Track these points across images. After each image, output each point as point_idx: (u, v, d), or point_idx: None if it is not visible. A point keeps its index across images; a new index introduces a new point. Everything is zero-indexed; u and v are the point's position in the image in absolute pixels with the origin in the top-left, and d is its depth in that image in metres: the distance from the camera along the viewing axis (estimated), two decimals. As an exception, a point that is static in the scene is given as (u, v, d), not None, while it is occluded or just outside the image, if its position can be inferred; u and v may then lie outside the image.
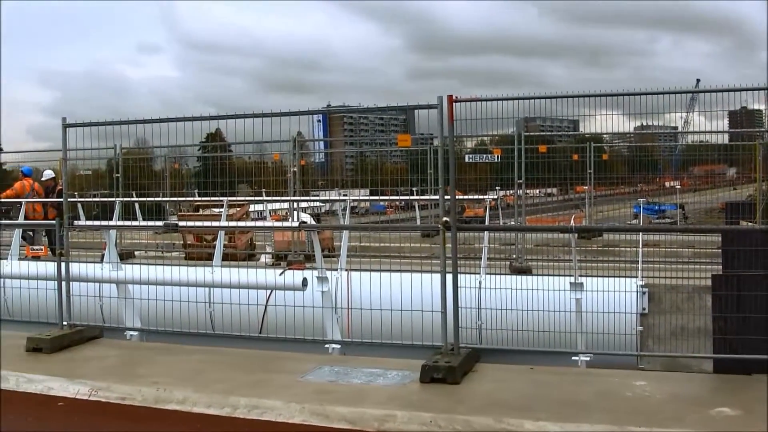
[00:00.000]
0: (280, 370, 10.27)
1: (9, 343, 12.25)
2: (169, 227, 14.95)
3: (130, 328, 12.91)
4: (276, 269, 13.56)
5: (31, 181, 25.01)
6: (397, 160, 48.81)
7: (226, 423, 8.68)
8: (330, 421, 8.41)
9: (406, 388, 9.28)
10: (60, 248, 12.58)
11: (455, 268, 10.11)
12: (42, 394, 9.98)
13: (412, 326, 11.12)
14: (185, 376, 10.09)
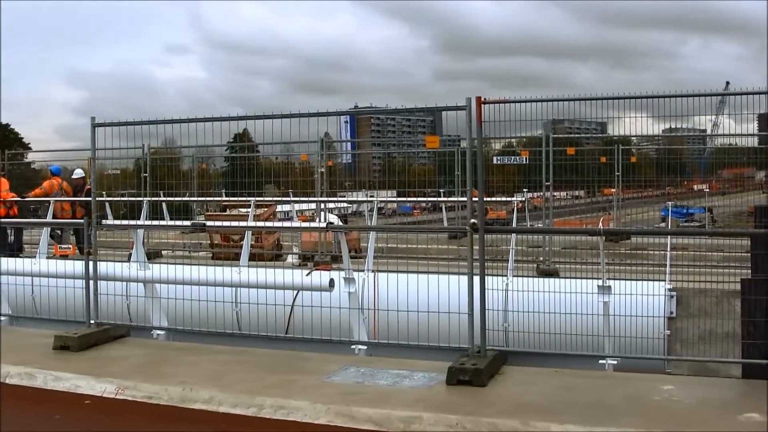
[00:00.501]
0: (306, 370, 10.25)
1: (37, 341, 12.32)
2: (196, 227, 14.99)
3: (157, 327, 12.94)
4: (303, 270, 13.58)
5: (60, 180, 25.14)
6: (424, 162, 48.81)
7: (252, 423, 8.68)
8: (356, 422, 8.40)
9: (432, 390, 9.26)
10: (88, 247, 12.63)
11: (482, 270, 10.07)
12: (69, 392, 10.02)
13: (439, 328, 11.08)
14: (211, 376, 10.10)
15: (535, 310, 11.25)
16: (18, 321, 14.55)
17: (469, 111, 9.91)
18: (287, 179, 28.76)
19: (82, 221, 12.96)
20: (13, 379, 10.56)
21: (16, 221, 23.24)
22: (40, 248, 16.35)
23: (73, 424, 9.04)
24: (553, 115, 11.15)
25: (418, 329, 11.11)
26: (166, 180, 25.15)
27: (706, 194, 31.70)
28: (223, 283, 12.80)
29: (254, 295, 12.64)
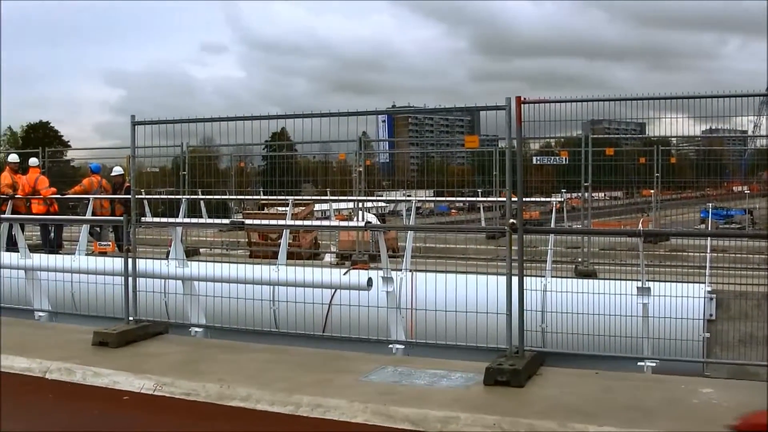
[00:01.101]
0: (344, 369, 10.25)
1: (76, 337, 12.41)
2: (235, 225, 15.03)
3: (195, 324, 12.99)
4: (340, 269, 13.58)
5: (99, 178, 25.32)
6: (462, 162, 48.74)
7: (290, 421, 8.68)
8: (393, 422, 8.38)
9: (469, 390, 9.23)
10: (127, 244, 12.70)
11: (521, 270, 10.04)
12: (108, 388, 10.06)
13: (477, 328, 11.06)
14: (249, 374, 10.12)
15: (573, 311, 11.21)
16: (57, 317, 14.66)
17: (508, 111, 9.88)
18: (324, 178, 28.83)
19: (122, 218, 13.03)
20: (53, 374, 10.63)
21: (56, 218, 23.42)
22: (80, 245, 16.46)
23: (112, 420, 9.08)
24: (592, 115, 11.09)
25: (456, 329, 11.09)
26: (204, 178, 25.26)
27: (747, 196, 31.45)
28: (261, 282, 12.83)
29: (292, 294, 12.66)
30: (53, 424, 8.94)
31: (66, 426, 8.85)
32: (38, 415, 9.33)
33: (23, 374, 10.79)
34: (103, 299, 13.88)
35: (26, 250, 15.07)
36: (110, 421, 9.04)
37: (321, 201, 27.99)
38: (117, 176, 25.54)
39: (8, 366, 11.06)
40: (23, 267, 14.86)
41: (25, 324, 14.00)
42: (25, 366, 10.95)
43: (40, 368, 10.80)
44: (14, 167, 24.38)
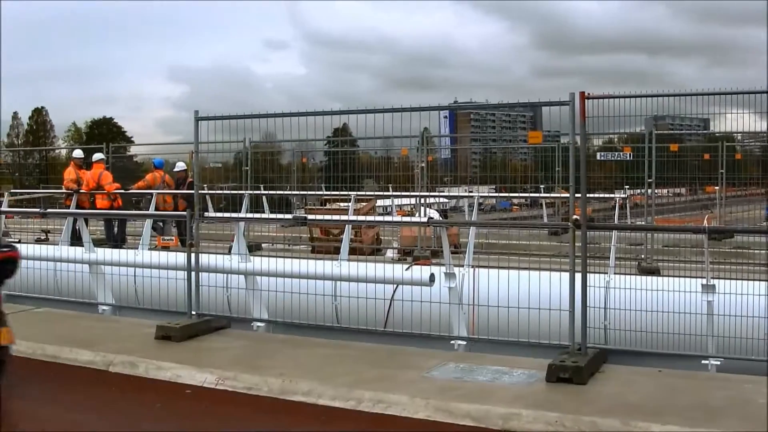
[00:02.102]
0: (405, 365, 10.23)
1: (139, 331, 12.51)
2: (298, 220, 15.06)
3: (257, 319, 13.03)
4: (402, 264, 13.56)
5: (162, 173, 25.50)
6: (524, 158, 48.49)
7: (351, 416, 8.69)
8: (454, 418, 8.36)
9: (531, 387, 9.17)
10: (190, 239, 12.76)
11: (584, 266, 9.96)
12: (170, 382, 10.14)
13: (539, 324, 10.98)
14: (310, 368, 10.13)
15: (636, 308, 11.08)
16: (121, 311, 14.79)
17: (572, 106, 9.81)
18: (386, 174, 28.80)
19: (185, 213, 13.10)
20: (116, 367, 10.73)
21: (120, 213, 23.62)
22: (143, 239, 16.59)
23: (174, 413, 9.13)
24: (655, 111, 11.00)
25: (519, 326, 11.00)
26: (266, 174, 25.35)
27: (814, 193, 30.94)
28: (324, 277, 12.85)
29: (353, 289, 12.66)
30: (117, 416, 9.01)
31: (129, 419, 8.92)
32: (102, 408, 9.41)
33: (87, 367, 10.91)
34: (165, 293, 13.97)
35: (91, 245, 15.22)
36: (173, 415, 9.09)
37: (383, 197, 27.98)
38: (180, 171, 25.72)
39: (72, 359, 11.20)
40: (88, 261, 15.02)
41: (89, 317, 14.16)
42: (89, 359, 11.06)
43: (103, 361, 10.90)
44: (79, 162, 24.63)
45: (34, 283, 15.76)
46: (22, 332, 12.37)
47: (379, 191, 28.26)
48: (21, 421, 8.84)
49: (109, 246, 18.06)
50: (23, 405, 9.48)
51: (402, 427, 8.33)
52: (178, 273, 13.47)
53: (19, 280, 15.73)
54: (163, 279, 14.04)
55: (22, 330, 12.60)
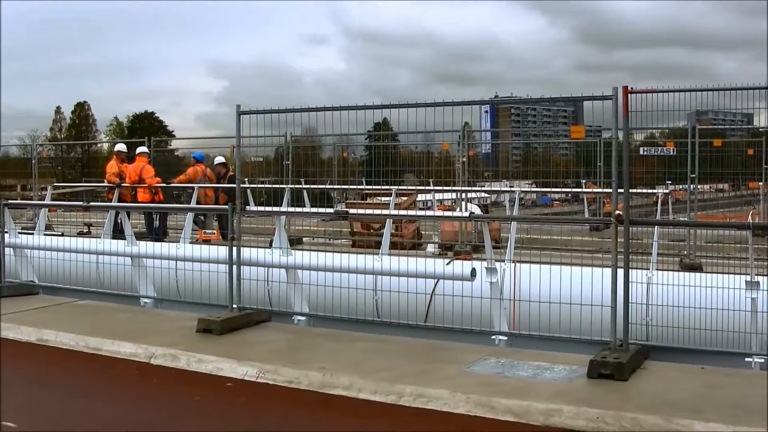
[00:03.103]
0: (446, 360, 10.20)
1: (180, 323, 12.55)
2: (339, 215, 15.07)
3: (298, 312, 13.05)
4: (443, 259, 13.53)
5: (203, 167, 25.60)
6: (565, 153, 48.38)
7: (392, 410, 8.66)
8: (495, 413, 8.31)
9: (572, 383, 9.11)
10: (232, 233, 12.79)
11: (627, 262, 9.89)
12: (211, 375, 10.17)
13: (581, 320, 10.94)
14: (351, 363, 10.13)
15: (679, 304, 11.01)
16: (162, 304, 14.86)
17: (615, 101, 9.75)
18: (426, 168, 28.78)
19: (226, 207, 13.13)
20: (158, 360, 10.78)
21: (162, 206, 23.75)
22: (184, 233, 16.65)
23: (215, 406, 9.15)
24: (698, 106, 10.91)
25: (560, 321, 10.96)
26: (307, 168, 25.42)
27: None
28: (364, 271, 12.84)
29: (394, 284, 12.64)
30: (158, 409, 9.05)
31: (170, 411, 8.95)
32: (143, 400, 9.45)
33: (129, 359, 10.97)
34: (207, 287, 14.02)
35: (133, 238, 15.30)
36: (213, 407, 9.11)
37: (424, 191, 27.96)
38: (220, 165, 25.82)
39: (114, 351, 11.26)
40: (130, 254, 15.11)
41: (130, 310, 14.24)
42: (131, 351, 11.12)
43: (145, 354, 10.95)
44: (121, 156, 24.78)
45: (77, 275, 15.90)
46: (64, 325, 12.55)
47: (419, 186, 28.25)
48: (63, 412, 8.89)
49: (150, 239, 18.15)
50: (65, 397, 9.56)
51: (443, 422, 8.29)
52: (219, 266, 13.51)
53: (61, 273, 15.93)
54: (205, 272, 14.10)
55: (64, 322, 12.77)
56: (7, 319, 13.10)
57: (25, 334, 12.39)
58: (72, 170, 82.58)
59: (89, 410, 8.99)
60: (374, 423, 8.43)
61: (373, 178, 26.76)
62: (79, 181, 45.63)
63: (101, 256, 15.80)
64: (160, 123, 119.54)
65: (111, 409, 8.99)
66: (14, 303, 14.55)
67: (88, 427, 8.36)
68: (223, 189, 24.29)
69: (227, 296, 12.71)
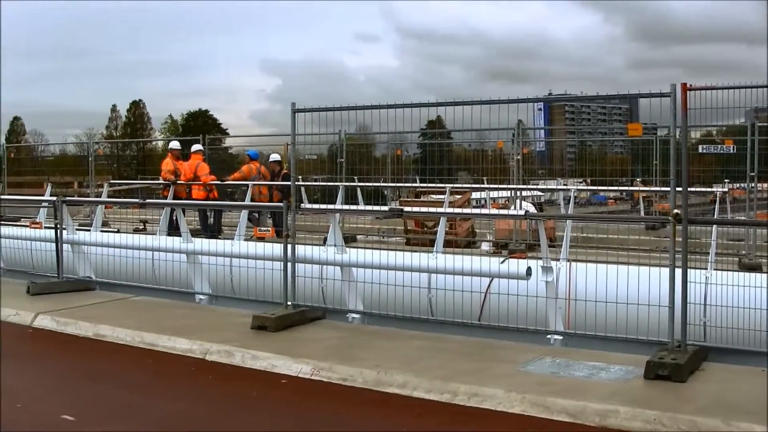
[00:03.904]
0: (500, 359, 10.17)
1: (235, 320, 12.64)
2: (394, 212, 15.04)
3: (353, 310, 13.05)
4: (498, 257, 13.47)
5: (258, 165, 25.71)
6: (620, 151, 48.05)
7: (446, 409, 8.64)
8: (550, 413, 8.26)
9: (629, 383, 9.03)
10: (286, 230, 12.82)
11: (685, 262, 9.77)
12: (266, 371, 10.22)
13: (638, 320, 10.81)
14: (405, 361, 10.11)
15: (737, 305, 10.86)
16: (217, 300, 14.94)
17: (673, 98, 9.64)
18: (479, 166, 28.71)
19: (281, 204, 13.16)
20: (213, 356, 10.84)
21: (217, 203, 23.89)
22: (239, 230, 16.71)
23: (270, 403, 9.18)
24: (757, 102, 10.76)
25: (617, 321, 10.84)
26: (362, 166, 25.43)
27: None
28: (419, 269, 12.81)
29: (449, 282, 12.60)
30: (213, 405, 9.08)
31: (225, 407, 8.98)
32: (198, 396, 9.50)
33: (184, 355, 11.06)
34: (261, 284, 14.05)
35: (188, 235, 15.39)
36: (268, 404, 9.14)
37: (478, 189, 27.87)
38: (273, 163, 25.91)
39: (170, 347, 11.36)
40: (185, 251, 15.19)
41: (185, 306, 14.35)
42: (186, 347, 11.20)
43: (200, 350, 11.03)
44: (176, 154, 24.95)
45: (133, 271, 16.04)
46: (120, 320, 12.66)
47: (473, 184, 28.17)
48: (119, 407, 8.95)
49: (204, 236, 18.24)
50: (121, 392, 9.63)
51: (497, 422, 8.26)
52: (274, 264, 13.54)
53: (118, 269, 16.06)
54: (259, 269, 14.14)
55: (120, 318, 12.89)
56: (66, 314, 13.27)
57: (82, 330, 12.53)
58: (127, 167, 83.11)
59: (145, 405, 9.05)
60: (429, 422, 8.41)
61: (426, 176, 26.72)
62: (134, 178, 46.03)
63: (157, 252, 15.90)
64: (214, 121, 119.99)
65: (167, 405, 9.04)
66: (72, 298, 14.72)
67: (144, 423, 8.42)
68: (277, 186, 24.37)
69: (282, 293, 12.75)
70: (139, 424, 8.37)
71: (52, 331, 12.84)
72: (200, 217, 23.70)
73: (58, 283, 15.63)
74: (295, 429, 8.31)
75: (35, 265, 17.85)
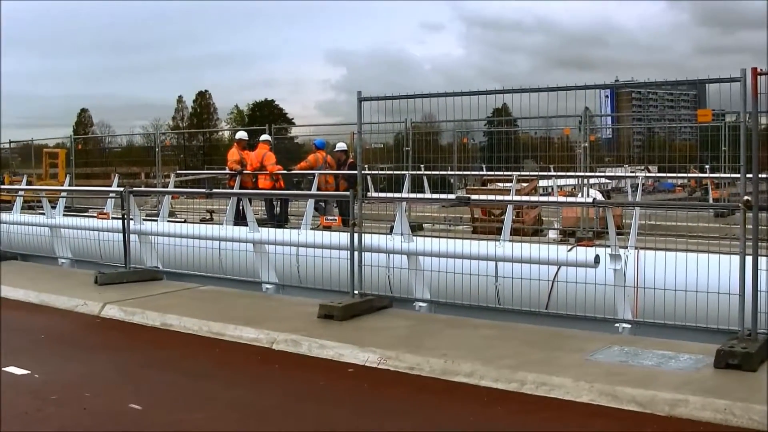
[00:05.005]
0: (568, 347, 10.11)
1: (302, 309, 12.68)
2: (461, 201, 14.99)
3: (419, 299, 13.04)
4: (565, 245, 13.37)
5: (324, 154, 25.73)
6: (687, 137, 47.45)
7: (513, 398, 8.62)
8: (619, 402, 8.20)
9: (699, 373, 8.92)
10: (353, 219, 12.83)
11: (756, 249, 9.64)
12: (333, 360, 10.26)
13: (707, 309, 10.66)
14: (472, 349, 10.09)
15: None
16: (283, 289, 15.00)
17: (743, 83, 9.49)
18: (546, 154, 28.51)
19: (348, 193, 13.18)
20: (280, 345, 10.90)
21: (284, 193, 23.96)
22: (305, 219, 16.76)
23: (337, 392, 9.20)
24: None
25: (686, 309, 10.71)
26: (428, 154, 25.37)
27: None
28: (486, 257, 12.75)
29: (516, 270, 12.53)
30: (281, 394, 9.12)
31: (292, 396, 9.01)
32: (266, 385, 9.54)
33: (251, 344, 11.15)
34: (328, 273, 14.09)
35: (255, 224, 15.46)
36: (336, 393, 9.16)
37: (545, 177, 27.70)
38: (340, 152, 25.94)
39: (237, 336, 11.46)
40: (252, 240, 15.26)
41: (252, 296, 14.45)
42: (253, 336, 11.28)
43: (267, 339, 11.09)
44: (242, 144, 25.06)
45: (199, 261, 16.16)
46: (187, 310, 12.78)
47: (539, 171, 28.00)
48: (186, 396, 9.02)
49: (271, 226, 18.31)
50: (189, 381, 9.70)
51: (565, 411, 8.22)
52: (341, 253, 13.56)
53: (184, 259, 16.20)
54: (326, 258, 14.18)
55: (188, 307, 13.00)
56: (133, 304, 13.43)
57: (150, 319, 12.65)
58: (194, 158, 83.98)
59: (212, 395, 9.11)
60: (496, 411, 8.39)
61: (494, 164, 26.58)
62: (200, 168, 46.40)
63: (224, 242, 16.00)
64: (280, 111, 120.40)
65: (233, 394, 9.09)
66: (139, 288, 14.89)
67: (212, 412, 8.47)
68: (344, 176, 24.40)
69: (348, 282, 12.79)
70: (207, 413, 8.43)
71: (120, 321, 13.01)
72: (266, 207, 23.75)
73: (125, 273, 15.81)
74: (363, 418, 8.31)
75: (103, 255, 18.08)
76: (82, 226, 19.08)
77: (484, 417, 8.25)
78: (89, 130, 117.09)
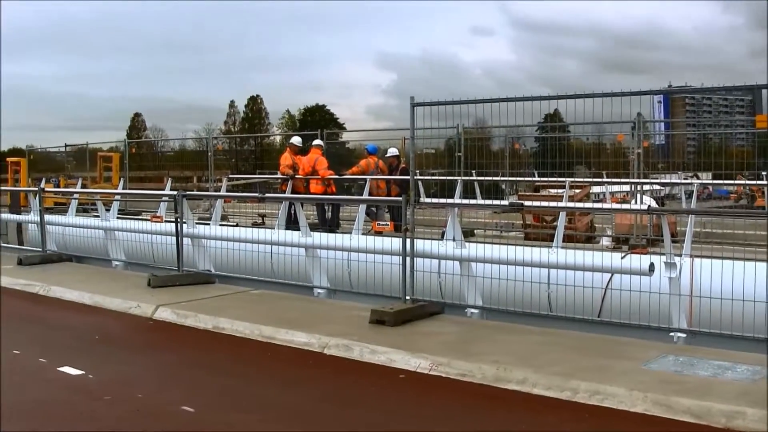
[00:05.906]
0: (621, 356, 9.99)
1: (353, 314, 12.68)
2: (514, 207, 14.92)
3: (471, 305, 12.99)
4: (618, 253, 13.26)
5: (376, 159, 25.73)
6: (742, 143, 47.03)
7: (566, 406, 8.53)
8: (674, 413, 8.08)
9: (756, 384, 8.76)
10: (405, 224, 12.80)
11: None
12: (384, 366, 10.23)
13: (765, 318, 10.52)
14: (524, 356, 10.03)
15: None
16: (335, 294, 15.01)
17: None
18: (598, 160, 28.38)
19: (400, 199, 13.16)
20: (331, 350, 10.89)
21: (336, 198, 24.00)
22: (357, 224, 16.75)
23: (389, 398, 9.17)
24: None
25: (743, 319, 10.57)
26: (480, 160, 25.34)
27: None
28: (540, 264, 12.66)
29: (569, 277, 12.45)
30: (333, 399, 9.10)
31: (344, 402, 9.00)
32: (318, 389, 9.52)
33: (303, 349, 11.14)
34: (380, 278, 14.07)
35: (307, 229, 15.48)
36: (387, 399, 9.13)
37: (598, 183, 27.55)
38: (392, 157, 25.92)
39: (288, 340, 11.47)
40: (304, 245, 15.29)
41: (304, 300, 14.48)
42: (304, 341, 11.28)
43: (319, 343, 11.09)
44: (295, 149, 25.12)
45: (251, 265, 16.21)
46: (239, 313, 12.83)
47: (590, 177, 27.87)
48: (239, 399, 9.02)
49: (322, 230, 18.34)
50: (240, 384, 9.71)
51: (618, 421, 8.13)
52: (392, 258, 13.54)
53: (236, 262, 16.28)
54: (378, 264, 14.17)
55: (239, 311, 13.05)
56: (185, 307, 13.51)
57: (202, 322, 12.71)
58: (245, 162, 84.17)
59: (263, 398, 9.12)
60: (548, 419, 8.31)
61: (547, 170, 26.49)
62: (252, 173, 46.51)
63: (276, 246, 16.04)
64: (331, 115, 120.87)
65: (285, 398, 9.09)
66: (192, 291, 14.97)
67: (263, 415, 8.48)
68: (395, 181, 24.37)
69: (400, 287, 12.77)
70: (259, 416, 8.44)
71: (172, 323, 13.08)
72: (318, 212, 23.82)
73: (178, 276, 15.92)
74: (414, 425, 8.27)
75: (156, 258, 18.20)
76: (135, 229, 19.24)
77: (536, 425, 8.18)
78: (142, 134, 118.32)
